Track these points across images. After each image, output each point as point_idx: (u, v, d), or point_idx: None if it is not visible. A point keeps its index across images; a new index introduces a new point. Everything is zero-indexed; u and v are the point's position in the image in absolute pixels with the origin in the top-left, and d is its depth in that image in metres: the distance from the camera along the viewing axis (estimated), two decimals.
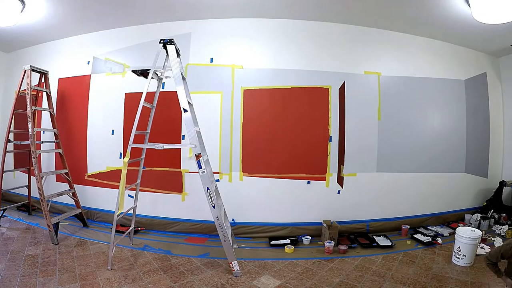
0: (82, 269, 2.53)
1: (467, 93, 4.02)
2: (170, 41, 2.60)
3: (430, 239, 3.26)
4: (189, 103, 2.68)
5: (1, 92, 4.69)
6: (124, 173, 2.57)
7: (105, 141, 3.75)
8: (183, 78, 2.71)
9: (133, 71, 3.01)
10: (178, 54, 2.67)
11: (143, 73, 2.94)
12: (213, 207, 2.51)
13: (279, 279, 2.47)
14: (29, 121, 3.31)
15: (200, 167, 2.48)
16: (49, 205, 3.24)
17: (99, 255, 2.85)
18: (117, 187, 3.68)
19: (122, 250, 2.97)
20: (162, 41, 2.60)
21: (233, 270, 2.52)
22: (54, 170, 3.89)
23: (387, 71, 3.65)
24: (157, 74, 2.94)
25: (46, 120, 4.11)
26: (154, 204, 3.59)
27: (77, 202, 3.69)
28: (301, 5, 3.13)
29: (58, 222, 3.21)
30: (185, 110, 2.50)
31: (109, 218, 3.68)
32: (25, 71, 3.44)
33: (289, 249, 3.06)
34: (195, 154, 2.49)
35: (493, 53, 4.24)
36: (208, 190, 2.50)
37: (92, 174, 3.86)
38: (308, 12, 3.30)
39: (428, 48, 3.81)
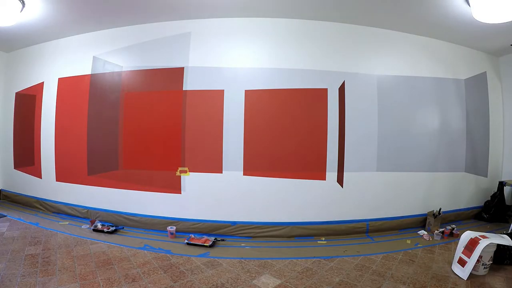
0: (82, 269, 2.53)
1: (467, 92, 4.02)
2: None
3: None
4: None
5: (1, 92, 4.69)
6: None
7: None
8: None
9: None
10: None
11: None
12: None
13: (279, 278, 2.47)
14: None
15: None
16: None
17: (99, 254, 2.85)
18: (117, 187, 3.70)
19: (122, 250, 2.97)
20: None
21: None
22: None
23: (387, 70, 3.65)
24: None
25: (46, 119, 4.12)
26: (155, 203, 3.59)
27: None
28: (302, 4, 3.13)
29: None
30: None
31: (109, 217, 3.69)
32: None
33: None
34: None
35: (493, 53, 4.24)
36: None
37: (92, 174, 3.86)
38: (308, 12, 3.30)
39: (428, 48, 3.81)
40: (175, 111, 3.51)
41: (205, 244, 3.10)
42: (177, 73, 3.50)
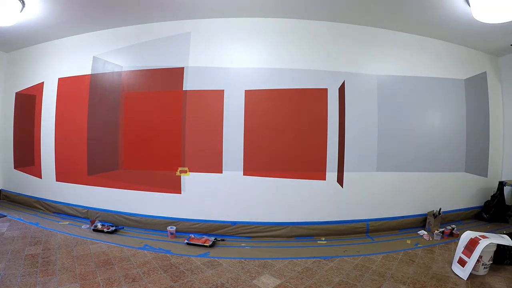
0: (82, 269, 2.53)
1: (467, 92, 4.02)
2: None
3: None
4: None
5: (1, 92, 4.69)
6: None
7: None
8: None
9: None
10: None
11: None
12: None
13: (279, 278, 2.47)
14: None
15: None
16: None
17: (99, 254, 2.85)
18: (116, 187, 3.70)
19: (122, 250, 2.97)
20: None
21: None
22: None
23: (387, 70, 3.66)
24: None
25: (46, 119, 4.13)
26: (155, 203, 3.59)
27: None
28: (302, 4, 3.14)
29: None
30: None
31: (109, 217, 3.69)
32: None
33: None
34: None
35: (493, 53, 4.24)
36: None
37: (92, 174, 3.86)
38: (308, 12, 3.30)
39: (428, 47, 3.81)
40: (175, 111, 3.51)
41: (205, 244, 3.10)
42: (177, 73, 3.50)
